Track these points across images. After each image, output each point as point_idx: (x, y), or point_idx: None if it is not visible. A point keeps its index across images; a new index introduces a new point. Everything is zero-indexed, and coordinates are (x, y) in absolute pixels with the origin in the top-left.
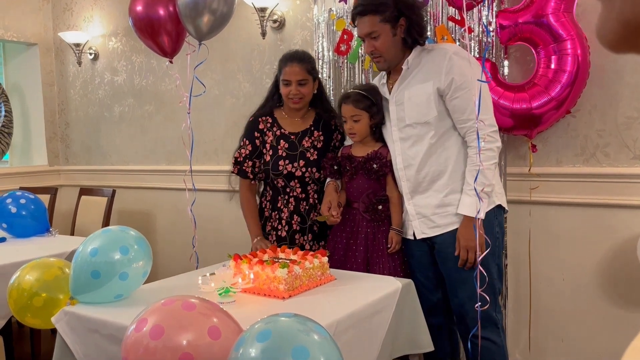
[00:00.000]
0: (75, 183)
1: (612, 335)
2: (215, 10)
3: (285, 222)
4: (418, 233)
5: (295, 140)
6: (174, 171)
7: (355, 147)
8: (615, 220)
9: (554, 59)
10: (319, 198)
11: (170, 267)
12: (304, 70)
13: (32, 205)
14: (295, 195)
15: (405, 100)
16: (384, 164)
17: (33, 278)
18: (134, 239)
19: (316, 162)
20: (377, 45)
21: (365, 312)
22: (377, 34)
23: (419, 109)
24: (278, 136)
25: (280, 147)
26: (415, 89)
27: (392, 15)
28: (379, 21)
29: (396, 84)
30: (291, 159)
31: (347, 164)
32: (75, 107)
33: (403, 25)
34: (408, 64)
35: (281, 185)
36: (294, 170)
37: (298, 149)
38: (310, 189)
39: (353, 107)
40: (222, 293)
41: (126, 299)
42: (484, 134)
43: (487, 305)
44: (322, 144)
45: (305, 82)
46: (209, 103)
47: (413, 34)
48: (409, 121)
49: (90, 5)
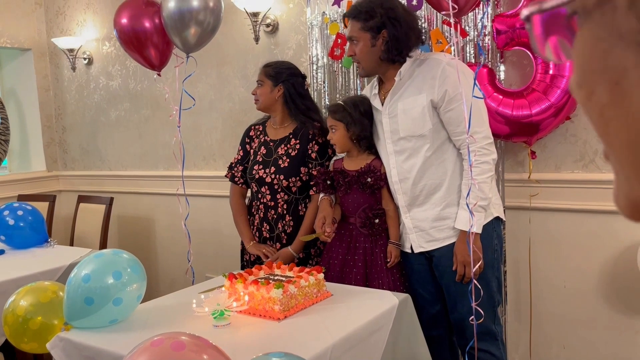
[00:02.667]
0: (74, 188)
1: (614, 341)
2: (202, 21)
3: (256, 228)
4: (416, 247)
5: (273, 146)
6: (171, 177)
7: (347, 161)
8: (616, 227)
9: (552, 64)
10: (288, 209)
11: (170, 272)
12: (263, 73)
13: (30, 217)
14: (265, 202)
15: (398, 112)
16: (378, 178)
17: (27, 303)
18: (127, 262)
19: (286, 170)
20: (356, 51)
21: (363, 332)
22: (357, 39)
23: (414, 122)
24: (261, 142)
25: (260, 153)
26: (409, 101)
27: (374, 26)
28: (359, 28)
29: (389, 96)
30: (265, 164)
31: (340, 179)
32: (71, 111)
33: (384, 37)
34: (401, 75)
35: (255, 191)
36: (264, 176)
37: (272, 155)
38: (279, 198)
39: (330, 117)
40: (217, 316)
41: (121, 322)
42: (479, 146)
43: (482, 319)
44: (297, 152)
45: (262, 83)
46: (206, 107)
47: (391, 49)
48: (403, 134)
49: (83, 9)
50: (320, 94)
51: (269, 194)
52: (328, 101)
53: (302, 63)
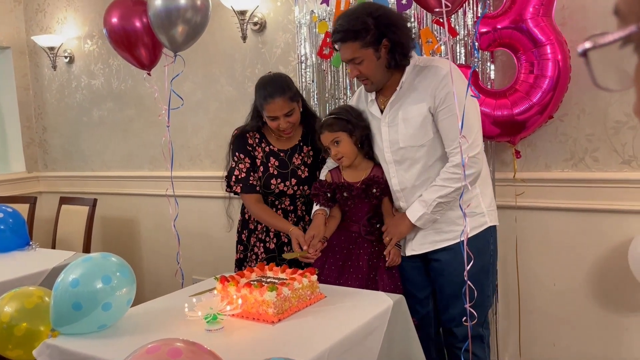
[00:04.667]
0: (55, 189)
1: (603, 339)
2: (189, 20)
3: (274, 234)
4: (415, 248)
5: (285, 157)
6: (157, 177)
7: (347, 173)
8: (605, 225)
9: (535, 64)
10: (307, 210)
11: (155, 275)
12: (287, 100)
13: (11, 219)
14: (283, 208)
15: (399, 121)
16: (384, 188)
17: (12, 309)
18: (116, 266)
19: (307, 180)
20: (362, 70)
21: (358, 335)
22: (360, 60)
23: (414, 132)
24: (267, 153)
25: (271, 165)
26: (410, 110)
27: (373, 39)
28: (360, 47)
29: (388, 105)
30: (283, 177)
31: (345, 192)
32: (52, 111)
33: (387, 45)
34: (402, 85)
35: (270, 200)
36: (285, 189)
37: (289, 166)
38: (298, 202)
39: (329, 132)
40: (210, 320)
41: (111, 327)
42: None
43: (474, 321)
44: (312, 159)
45: (292, 111)
46: (192, 107)
47: (396, 55)
48: (402, 144)
49: (63, 7)
50: (309, 93)
51: (288, 201)
52: (317, 100)
53: (290, 62)
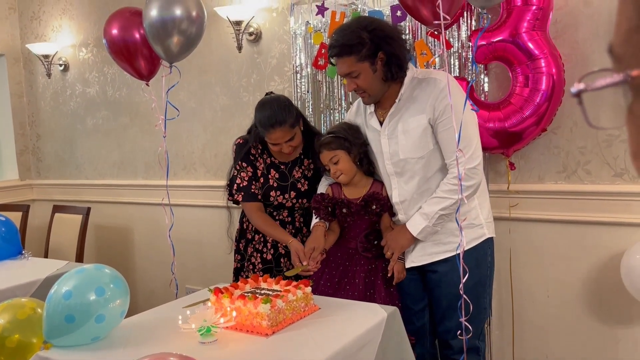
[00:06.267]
0: (48, 197)
1: (596, 351)
2: (184, 30)
3: (271, 245)
4: (408, 262)
5: (286, 170)
6: (151, 186)
7: (346, 189)
8: (598, 238)
9: (530, 77)
10: (305, 222)
11: (149, 283)
12: (288, 129)
13: (3, 227)
14: (281, 219)
15: (398, 133)
16: (384, 204)
17: (4, 320)
18: (109, 278)
19: (307, 193)
20: (359, 83)
21: (352, 347)
22: (356, 73)
23: (414, 143)
24: (268, 164)
25: (271, 177)
26: (410, 122)
27: (369, 52)
28: (356, 61)
29: (388, 117)
30: (282, 189)
31: (344, 209)
32: (46, 119)
33: (382, 58)
34: (400, 97)
35: (268, 211)
36: (284, 202)
37: (289, 179)
38: (297, 214)
39: (327, 152)
40: (204, 333)
41: (104, 339)
42: (462, 169)
43: (470, 334)
44: (313, 172)
45: (294, 137)
46: (187, 116)
47: (392, 67)
48: (402, 155)
49: (59, 14)
50: (304, 103)
51: (286, 212)
52: (312, 111)
53: (285, 72)
